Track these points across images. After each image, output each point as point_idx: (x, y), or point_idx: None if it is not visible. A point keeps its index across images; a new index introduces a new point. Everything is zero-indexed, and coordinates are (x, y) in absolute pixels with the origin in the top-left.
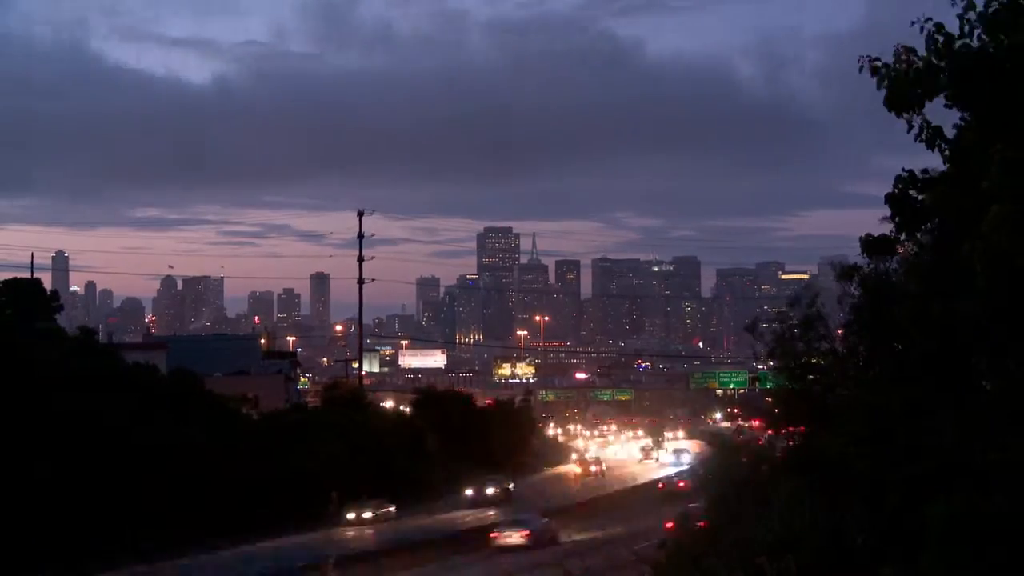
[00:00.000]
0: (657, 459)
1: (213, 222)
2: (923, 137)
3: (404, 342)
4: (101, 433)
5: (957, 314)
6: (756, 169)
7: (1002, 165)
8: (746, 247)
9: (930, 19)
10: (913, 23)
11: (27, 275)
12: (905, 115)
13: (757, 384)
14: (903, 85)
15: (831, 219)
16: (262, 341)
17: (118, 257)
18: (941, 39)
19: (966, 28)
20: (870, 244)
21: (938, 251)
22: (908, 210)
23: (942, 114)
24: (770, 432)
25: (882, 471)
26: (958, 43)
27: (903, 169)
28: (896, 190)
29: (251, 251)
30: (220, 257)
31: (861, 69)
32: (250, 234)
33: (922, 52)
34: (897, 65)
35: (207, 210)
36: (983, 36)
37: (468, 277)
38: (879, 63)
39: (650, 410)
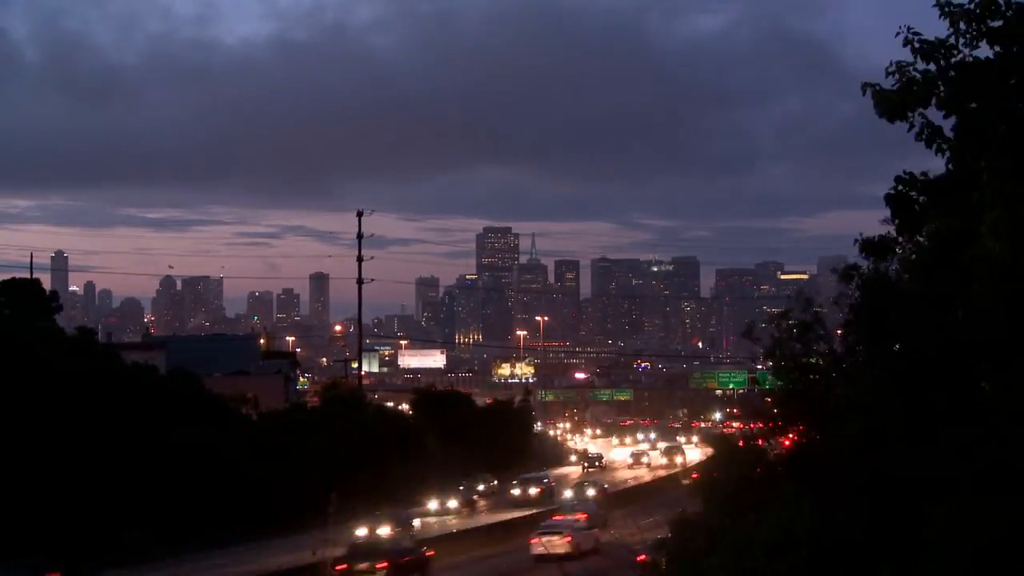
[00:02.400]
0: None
1: (228, 223)
2: (923, 136)
3: (403, 342)
4: (99, 433)
5: (956, 316)
6: (770, 170)
7: (991, 174)
8: (761, 247)
9: (914, 32)
10: (897, 34)
11: (27, 275)
12: (903, 120)
13: (756, 384)
14: (894, 99)
15: (845, 220)
16: (261, 341)
17: (128, 258)
18: (941, 52)
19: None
20: (868, 245)
21: (937, 253)
22: (908, 211)
23: (940, 116)
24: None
25: (882, 472)
26: (956, 58)
27: (903, 170)
28: (896, 191)
29: (264, 252)
30: (236, 258)
31: (864, 92)
32: (265, 235)
33: (907, 60)
34: (901, 78)
35: (224, 211)
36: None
37: (467, 277)
38: (878, 87)
39: (650, 410)
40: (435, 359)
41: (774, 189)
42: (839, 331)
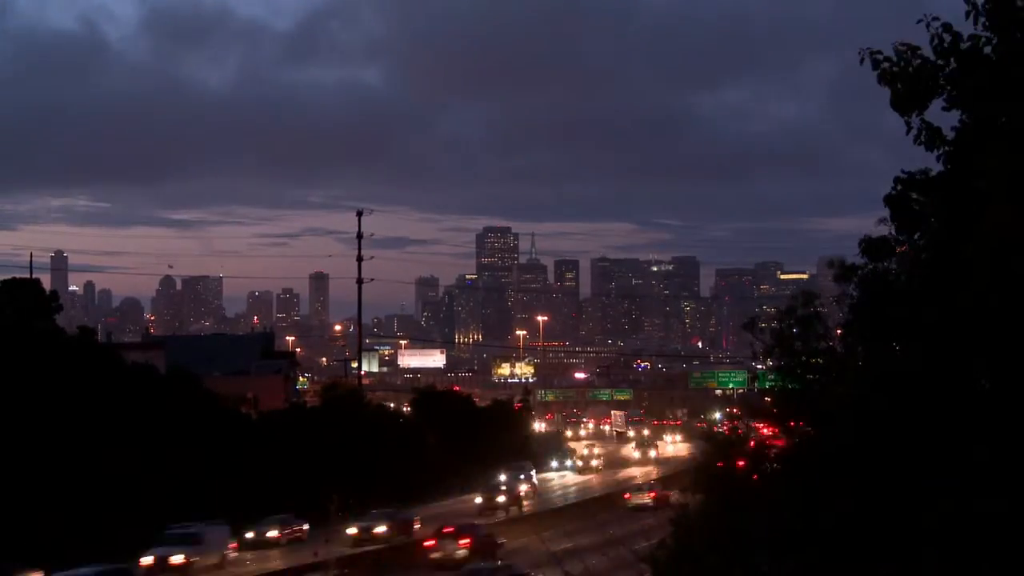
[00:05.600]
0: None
1: (249, 223)
2: (922, 139)
3: (403, 342)
4: (97, 433)
5: (955, 314)
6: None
7: (998, 163)
8: (782, 248)
9: (937, 18)
10: (919, 21)
11: (29, 275)
12: (906, 117)
13: (756, 383)
14: (906, 82)
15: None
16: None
17: (141, 259)
18: (948, 38)
19: (971, 15)
20: (869, 245)
21: (936, 252)
22: (906, 212)
23: (940, 117)
24: (768, 431)
25: (881, 471)
26: (965, 44)
27: (902, 170)
28: (895, 191)
29: (282, 252)
30: (253, 259)
31: (862, 61)
32: (285, 235)
33: (924, 49)
34: (900, 61)
35: (246, 211)
36: (986, 24)
37: (467, 277)
38: (880, 56)
39: (649, 410)
40: (435, 359)
41: (789, 189)
42: (838, 331)
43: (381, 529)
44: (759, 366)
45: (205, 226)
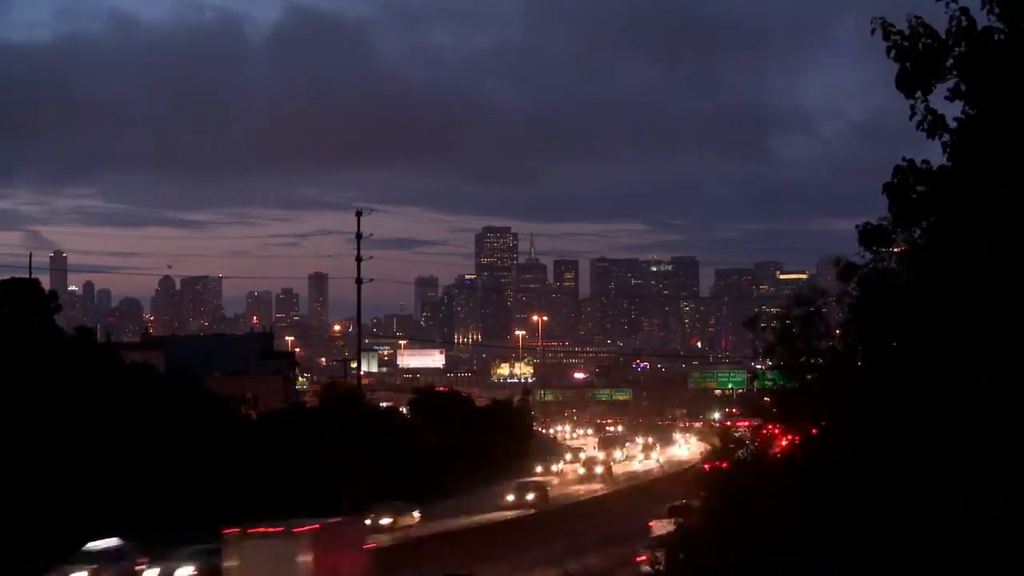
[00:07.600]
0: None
1: (263, 223)
2: (924, 125)
3: (402, 342)
4: (97, 434)
5: (955, 310)
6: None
7: (1007, 149)
8: (793, 249)
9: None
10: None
11: (31, 275)
12: (911, 100)
13: (755, 383)
14: (915, 61)
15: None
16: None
17: (150, 259)
18: (964, 21)
19: (986, 6)
20: (867, 234)
21: (936, 245)
22: (906, 201)
23: (944, 107)
24: (769, 431)
25: (881, 471)
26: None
27: (903, 159)
28: (895, 180)
29: (293, 252)
30: (267, 259)
31: (874, 31)
32: (297, 235)
33: (939, 29)
34: (912, 36)
35: (260, 212)
36: (997, 14)
37: (466, 277)
38: (893, 28)
39: (649, 410)
40: (434, 359)
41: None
42: (838, 331)
43: None
44: (759, 366)
45: (215, 227)
